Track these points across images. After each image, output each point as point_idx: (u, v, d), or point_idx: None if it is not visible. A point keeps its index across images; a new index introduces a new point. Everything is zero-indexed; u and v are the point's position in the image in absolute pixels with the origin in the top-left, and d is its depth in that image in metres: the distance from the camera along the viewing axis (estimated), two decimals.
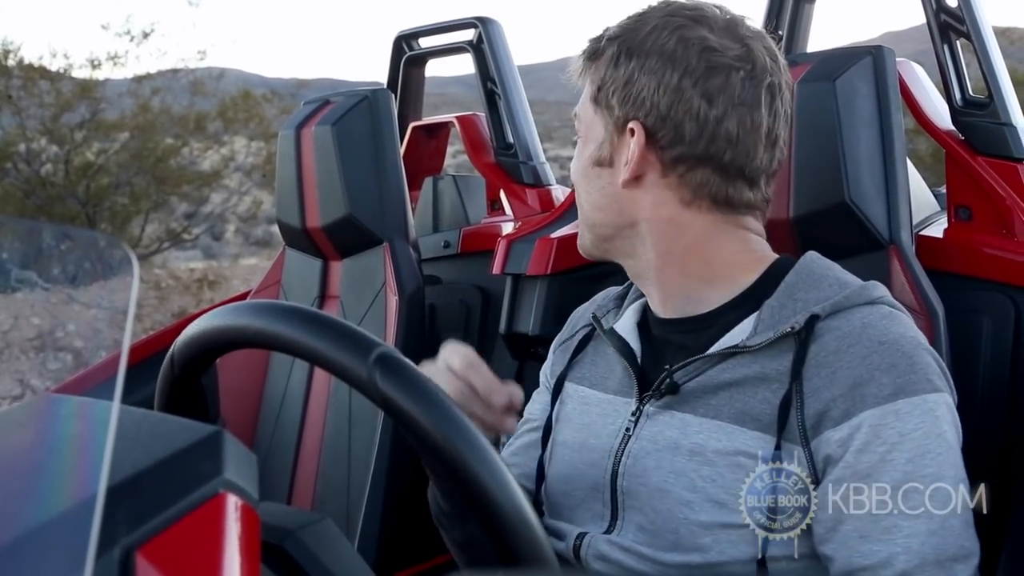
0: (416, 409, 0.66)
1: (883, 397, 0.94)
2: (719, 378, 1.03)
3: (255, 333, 0.73)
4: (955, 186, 1.50)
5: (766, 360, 1.01)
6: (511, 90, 2.12)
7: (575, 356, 1.21)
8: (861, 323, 1.00)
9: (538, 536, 0.66)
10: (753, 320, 1.05)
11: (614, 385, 1.14)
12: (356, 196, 1.91)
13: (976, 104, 1.49)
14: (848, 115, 1.34)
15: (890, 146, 1.36)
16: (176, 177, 10.29)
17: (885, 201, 1.34)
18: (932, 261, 1.41)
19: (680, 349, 1.09)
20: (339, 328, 0.70)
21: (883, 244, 1.33)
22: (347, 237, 1.96)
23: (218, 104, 10.85)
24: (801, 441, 0.97)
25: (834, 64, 1.39)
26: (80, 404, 0.61)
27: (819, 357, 0.98)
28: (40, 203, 9.39)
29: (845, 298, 1.03)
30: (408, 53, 2.28)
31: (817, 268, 1.09)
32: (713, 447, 1.00)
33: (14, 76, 9.25)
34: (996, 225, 1.45)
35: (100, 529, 0.47)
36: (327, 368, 0.70)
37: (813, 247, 1.36)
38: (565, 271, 1.69)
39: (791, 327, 1.00)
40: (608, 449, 1.09)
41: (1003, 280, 1.38)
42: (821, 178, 1.34)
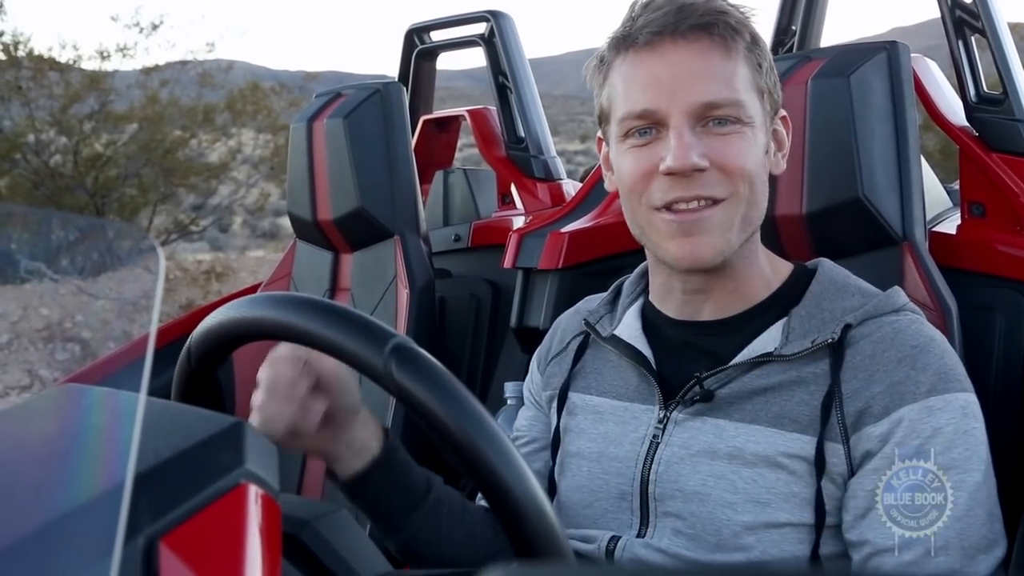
0: (432, 399, 0.66)
1: (920, 394, 0.98)
2: (753, 384, 1.04)
3: (271, 325, 0.73)
4: (969, 182, 1.50)
5: (801, 365, 1.03)
6: (522, 84, 2.12)
7: (575, 366, 1.20)
8: (892, 329, 1.04)
9: (554, 527, 0.66)
10: (781, 328, 1.07)
11: (629, 392, 1.13)
12: (367, 189, 1.92)
13: (990, 100, 1.49)
14: (862, 111, 1.34)
15: (904, 142, 1.35)
16: (184, 169, 10.30)
17: (899, 197, 1.33)
18: (945, 258, 1.40)
19: (704, 353, 1.09)
20: (354, 319, 0.70)
21: (896, 240, 1.33)
22: (358, 230, 1.96)
23: (226, 96, 10.85)
24: (841, 438, 0.99)
25: (848, 60, 1.38)
26: (104, 394, 0.62)
27: (855, 361, 1.02)
28: (49, 194, 9.41)
29: (874, 307, 1.06)
30: (419, 46, 2.28)
31: (838, 277, 1.11)
32: (752, 450, 1.01)
33: (23, 67, 9.26)
34: (1010, 221, 1.44)
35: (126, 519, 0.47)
36: (343, 358, 0.70)
37: (826, 243, 1.37)
38: (576, 265, 1.69)
39: (830, 339, 1.02)
40: (633, 457, 1.09)
41: (1016, 277, 1.38)
42: (835, 174, 1.34)
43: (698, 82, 1.01)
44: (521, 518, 0.65)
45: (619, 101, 1.06)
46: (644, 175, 1.04)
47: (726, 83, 1.02)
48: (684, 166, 1.00)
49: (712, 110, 1.01)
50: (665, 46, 1.02)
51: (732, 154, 1.02)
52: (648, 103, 1.02)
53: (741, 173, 1.02)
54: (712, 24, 1.02)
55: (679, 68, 1.02)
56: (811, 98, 1.36)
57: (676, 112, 1.01)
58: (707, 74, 1.02)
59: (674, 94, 1.01)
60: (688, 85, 1.01)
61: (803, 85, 1.37)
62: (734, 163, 1.02)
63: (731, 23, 1.03)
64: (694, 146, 1.00)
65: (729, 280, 1.09)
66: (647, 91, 1.03)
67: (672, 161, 1.00)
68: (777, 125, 1.10)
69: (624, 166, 1.06)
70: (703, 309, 1.11)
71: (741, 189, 1.02)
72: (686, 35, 1.02)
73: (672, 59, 1.02)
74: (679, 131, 1.01)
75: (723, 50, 1.02)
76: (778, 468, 1.00)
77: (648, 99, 1.02)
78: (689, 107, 1.01)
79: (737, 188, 1.02)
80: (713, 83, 1.01)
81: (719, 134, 1.02)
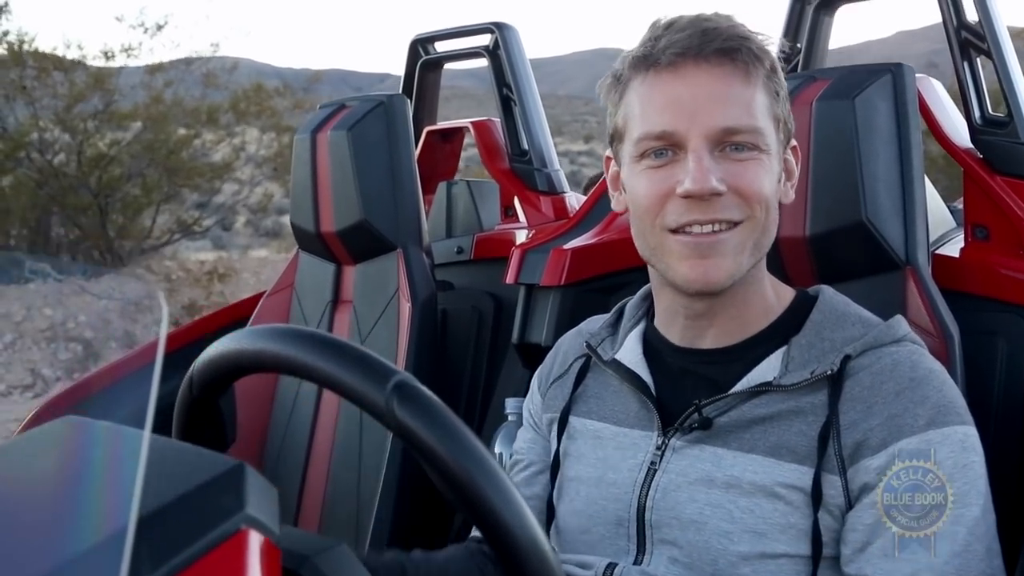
0: (433, 439, 0.66)
1: (918, 427, 0.98)
2: (752, 413, 1.04)
3: (273, 357, 0.73)
4: (973, 205, 1.50)
5: (799, 396, 1.03)
6: (527, 96, 2.12)
7: (576, 390, 1.20)
8: (892, 361, 1.03)
9: (554, 571, 0.66)
10: (781, 356, 1.07)
11: (629, 418, 1.13)
12: (371, 202, 1.92)
13: (995, 123, 1.49)
14: (866, 134, 1.34)
15: (908, 165, 1.35)
16: (188, 169, 10.31)
17: (902, 221, 1.33)
18: (948, 281, 1.40)
19: (704, 381, 1.09)
20: (356, 354, 0.70)
21: (899, 264, 1.32)
22: (361, 242, 1.96)
23: (230, 96, 10.87)
24: (839, 470, 0.99)
25: (853, 82, 1.38)
26: (105, 431, 0.62)
27: (854, 392, 1.02)
28: (52, 193, 9.42)
29: (874, 338, 1.05)
30: (424, 57, 2.28)
31: (839, 306, 1.11)
32: (749, 480, 1.01)
33: (28, 66, 9.28)
34: (1013, 245, 1.44)
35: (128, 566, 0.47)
36: (344, 395, 0.70)
37: (829, 266, 1.37)
38: (579, 282, 1.69)
39: (829, 371, 1.02)
40: (631, 483, 1.08)
41: (1019, 302, 1.37)
42: (838, 197, 1.34)
43: (719, 107, 1.02)
44: (521, 560, 0.65)
45: (636, 121, 1.06)
46: (660, 197, 1.04)
47: (746, 109, 1.02)
48: (703, 190, 1.00)
49: (731, 135, 1.02)
50: (688, 68, 1.03)
51: (750, 179, 1.03)
52: (668, 124, 1.03)
53: (759, 198, 1.03)
54: (736, 50, 1.03)
55: (700, 91, 1.02)
56: (815, 120, 1.36)
57: (696, 135, 1.02)
58: (728, 99, 1.02)
59: (694, 117, 1.02)
60: (709, 109, 1.02)
61: (808, 106, 1.37)
62: (751, 188, 1.03)
63: (753, 50, 1.04)
64: (713, 170, 1.01)
65: (732, 306, 1.09)
66: (667, 113, 1.03)
67: (691, 184, 1.01)
68: (788, 155, 1.11)
69: (639, 187, 1.06)
70: (705, 336, 1.11)
71: (758, 213, 1.04)
72: (709, 59, 1.02)
73: (694, 82, 1.02)
74: (698, 154, 1.01)
75: (744, 76, 1.03)
76: (775, 498, 1.00)
77: (668, 121, 1.03)
78: (709, 131, 1.02)
79: (754, 212, 1.03)
80: (733, 108, 1.02)
81: (737, 159, 1.03)
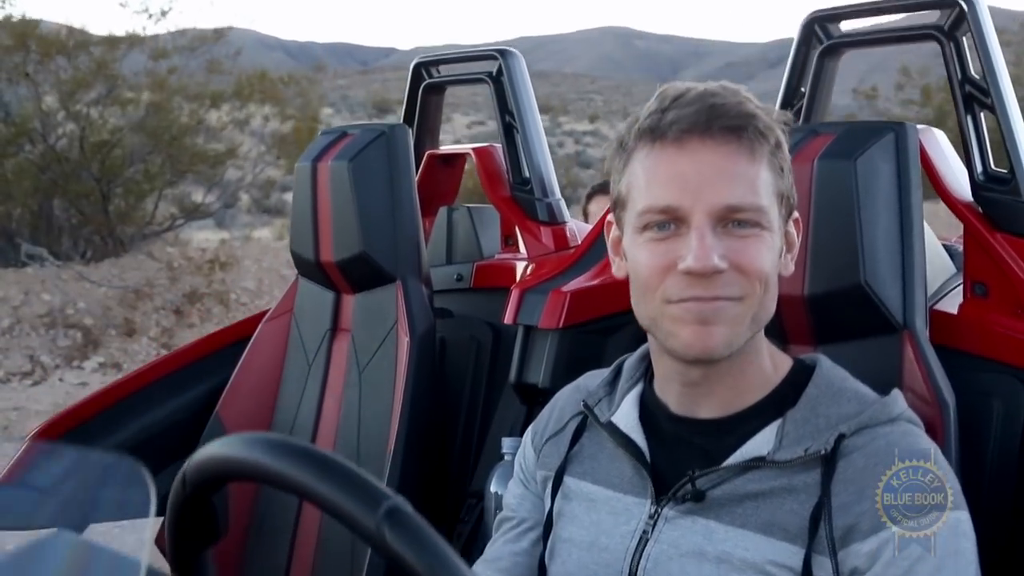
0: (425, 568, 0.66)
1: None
2: (745, 488, 1.05)
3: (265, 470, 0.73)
4: (972, 261, 1.49)
5: (792, 473, 1.04)
6: (529, 124, 2.11)
7: (571, 448, 1.20)
8: (886, 442, 1.03)
9: None
10: (775, 430, 1.07)
11: (623, 483, 1.13)
12: (371, 233, 1.92)
13: (998, 179, 1.48)
14: (867, 196, 1.33)
15: (908, 226, 1.35)
16: (191, 155, 10.29)
17: (901, 284, 1.33)
18: (945, 338, 1.40)
19: (698, 450, 1.10)
20: (351, 476, 0.70)
21: (897, 328, 1.32)
22: (360, 273, 1.96)
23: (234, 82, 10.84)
24: (829, 552, 1.00)
25: (855, 141, 1.37)
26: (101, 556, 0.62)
27: (847, 474, 1.02)
28: (55, 178, 9.41)
29: (869, 417, 1.06)
30: (427, 80, 2.27)
31: (835, 380, 1.11)
32: (740, 556, 1.02)
33: (32, 51, 9.25)
34: (1012, 304, 1.44)
35: None
36: (334, 514, 0.70)
37: (826, 326, 1.37)
38: (577, 324, 1.69)
39: (823, 450, 1.03)
40: (623, 550, 1.09)
41: (1016, 363, 1.37)
42: (837, 259, 1.33)
43: (723, 184, 1.02)
44: None
45: (640, 193, 1.06)
46: (661, 270, 1.05)
47: (750, 187, 1.03)
48: (705, 268, 1.01)
49: (734, 213, 1.03)
50: (693, 144, 1.03)
51: (751, 256, 1.03)
52: (671, 200, 1.03)
53: (759, 275, 1.04)
54: (742, 128, 1.03)
55: (705, 168, 1.03)
56: (816, 179, 1.36)
57: (699, 212, 1.02)
58: (732, 176, 1.03)
59: (698, 194, 1.02)
60: (713, 186, 1.02)
61: (809, 164, 1.37)
62: (752, 265, 1.03)
63: (760, 127, 1.04)
64: (715, 248, 1.02)
65: (728, 375, 1.09)
66: (671, 187, 1.03)
67: (693, 262, 1.01)
68: (790, 227, 1.11)
69: (640, 258, 1.07)
70: (701, 404, 1.11)
71: (757, 290, 1.04)
72: (715, 136, 1.03)
73: (699, 158, 1.03)
74: (701, 232, 1.02)
75: (749, 153, 1.04)
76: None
77: (672, 196, 1.03)
78: (712, 208, 1.02)
79: (753, 289, 1.04)
80: (738, 186, 1.03)
81: (739, 236, 1.03)
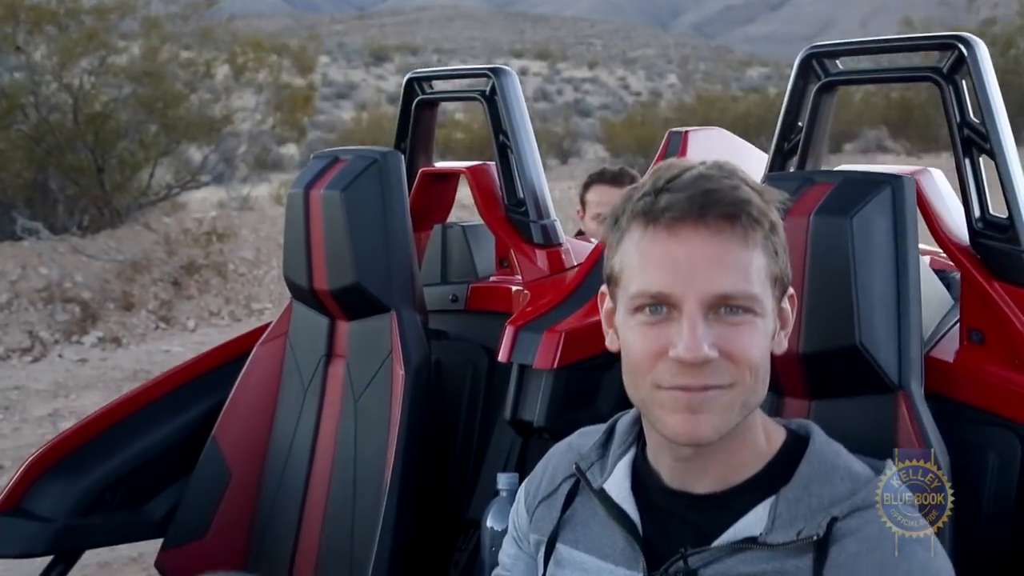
0: None
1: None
2: (737, 570, 1.05)
3: None
4: (969, 308, 1.48)
5: (784, 556, 1.04)
6: (522, 144, 2.08)
7: (564, 513, 1.20)
8: (879, 529, 1.03)
9: None
10: (768, 508, 1.07)
11: (615, 554, 1.14)
12: (364, 263, 1.91)
13: (996, 226, 1.46)
14: (863, 254, 1.32)
15: (904, 284, 1.34)
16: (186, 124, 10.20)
17: (896, 345, 1.32)
18: (940, 386, 1.40)
19: (690, 526, 1.10)
20: None
21: (892, 388, 1.32)
22: (354, 302, 1.96)
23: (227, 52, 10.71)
24: None
25: (852, 195, 1.36)
26: None
27: (839, 560, 1.02)
28: (48, 149, 9.33)
29: (862, 499, 1.05)
30: (420, 95, 2.24)
31: (828, 457, 1.10)
32: None
33: (22, 21, 9.12)
34: (1008, 353, 1.43)
35: None
36: None
37: (821, 383, 1.37)
38: (572, 363, 1.69)
39: (815, 535, 1.03)
40: None
41: (1011, 416, 1.37)
42: (832, 318, 1.32)
43: (716, 272, 1.02)
44: None
45: (633, 275, 1.06)
46: (653, 356, 1.04)
47: (743, 275, 1.02)
48: (696, 358, 1.01)
49: (726, 300, 1.02)
50: (686, 232, 1.03)
51: (742, 344, 1.03)
52: (664, 286, 1.03)
53: (749, 364, 1.04)
54: (736, 216, 1.02)
55: (697, 254, 1.02)
56: (812, 235, 1.35)
57: (691, 300, 1.02)
58: (725, 264, 1.02)
59: (690, 281, 1.02)
60: (706, 274, 1.02)
61: (805, 218, 1.35)
62: (743, 354, 1.03)
63: (753, 214, 1.03)
64: (706, 336, 1.01)
65: (720, 452, 1.09)
66: (663, 273, 1.03)
67: (684, 352, 1.01)
68: (784, 304, 1.10)
69: (632, 341, 1.07)
70: (693, 479, 1.11)
71: (747, 378, 1.04)
72: (708, 224, 1.02)
73: (692, 244, 1.02)
74: (692, 320, 1.01)
75: (743, 240, 1.03)
76: None
77: (664, 282, 1.03)
78: (704, 296, 1.02)
79: (743, 376, 1.04)
80: (731, 274, 1.02)
81: (730, 323, 1.03)
